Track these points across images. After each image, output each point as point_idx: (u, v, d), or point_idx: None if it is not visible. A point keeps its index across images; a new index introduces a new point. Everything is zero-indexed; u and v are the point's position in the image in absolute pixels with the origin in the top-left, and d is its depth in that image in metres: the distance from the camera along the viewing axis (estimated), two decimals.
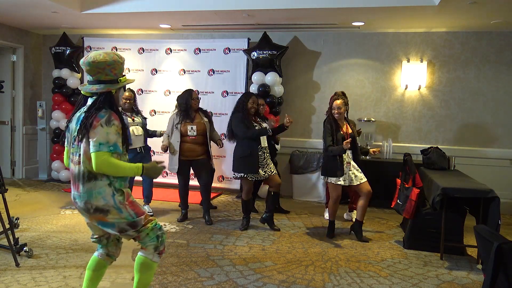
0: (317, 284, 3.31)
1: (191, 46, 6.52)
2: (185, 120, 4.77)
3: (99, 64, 2.33)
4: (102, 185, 2.33)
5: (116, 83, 2.40)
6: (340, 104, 4.30)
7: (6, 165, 7.04)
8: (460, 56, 5.93)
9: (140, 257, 2.49)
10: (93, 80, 2.38)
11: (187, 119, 4.77)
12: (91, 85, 2.38)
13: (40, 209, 5.23)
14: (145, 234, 2.45)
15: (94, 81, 2.38)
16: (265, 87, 5.97)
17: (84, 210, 2.37)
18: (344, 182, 4.27)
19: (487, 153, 5.87)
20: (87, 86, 2.40)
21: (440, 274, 3.58)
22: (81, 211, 2.41)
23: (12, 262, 3.45)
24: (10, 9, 5.67)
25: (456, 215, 4.01)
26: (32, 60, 7.30)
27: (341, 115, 4.35)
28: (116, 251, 2.64)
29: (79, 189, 2.35)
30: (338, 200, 4.38)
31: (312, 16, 5.47)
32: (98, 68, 2.34)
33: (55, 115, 6.85)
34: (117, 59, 2.37)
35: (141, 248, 2.51)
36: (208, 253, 3.89)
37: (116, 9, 5.52)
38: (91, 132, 2.27)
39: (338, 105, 4.29)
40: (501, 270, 2.13)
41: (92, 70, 2.34)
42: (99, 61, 2.32)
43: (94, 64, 2.33)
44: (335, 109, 4.30)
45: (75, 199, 2.40)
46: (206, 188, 4.89)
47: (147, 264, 2.48)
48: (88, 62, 2.33)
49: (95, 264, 2.57)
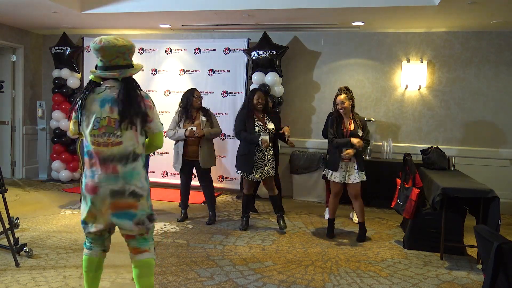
0: (317, 284, 3.31)
1: (191, 46, 6.52)
2: (186, 121, 4.75)
3: (120, 48, 2.33)
4: (140, 167, 2.40)
5: (132, 68, 2.42)
6: (344, 99, 4.26)
7: (6, 165, 7.04)
8: (460, 56, 5.93)
9: (146, 260, 2.45)
10: (110, 65, 2.36)
11: (187, 118, 4.75)
12: (111, 71, 2.36)
13: (40, 209, 5.23)
14: (151, 232, 2.48)
15: (112, 66, 2.36)
16: (265, 87, 5.97)
17: (115, 194, 2.30)
18: (341, 180, 4.29)
19: (487, 153, 5.87)
20: (105, 71, 2.36)
21: (440, 274, 3.58)
22: (106, 197, 2.31)
23: (12, 262, 3.44)
24: (10, 9, 5.67)
25: (456, 215, 4.01)
26: (32, 60, 7.30)
27: (346, 110, 4.28)
28: (109, 244, 2.59)
29: (117, 169, 2.31)
30: (336, 196, 4.39)
31: (312, 16, 5.47)
32: (119, 53, 2.33)
33: (55, 115, 6.85)
34: (133, 44, 2.43)
35: (138, 252, 2.45)
36: (208, 253, 3.89)
37: (116, 9, 5.52)
38: (149, 113, 2.37)
39: (342, 100, 4.26)
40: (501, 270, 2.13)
41: (112, 54, 2.33)
42: (120, 46, 2.33)
43: (115, 48, 2.32)
44: (339, 104, 4.28)
45: (103, 181, 2.31)
46: (206, 188, 4.90)
47: (153, 265, 2.50)
48: (106, 46, 2.31)
49: (95, 264, 2.51)
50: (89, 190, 2.35)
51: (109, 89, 2.37)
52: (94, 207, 2.36)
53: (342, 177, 4.30)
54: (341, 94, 4.29)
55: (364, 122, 4.40)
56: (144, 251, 2.46)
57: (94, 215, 2.39)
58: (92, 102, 2.36)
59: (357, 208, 4.36)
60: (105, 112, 2.33)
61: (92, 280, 2.53)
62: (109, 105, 2.33)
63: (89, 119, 2.35)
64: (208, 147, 4.82)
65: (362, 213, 4.39)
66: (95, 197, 2.34)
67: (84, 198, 2.41)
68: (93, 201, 2.35)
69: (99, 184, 2.32)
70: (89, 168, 2.37)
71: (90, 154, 2.36)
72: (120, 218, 2.36)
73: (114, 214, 2.35)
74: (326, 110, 6.35)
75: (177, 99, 6.54)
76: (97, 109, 2.34)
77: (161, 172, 6.64)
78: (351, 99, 4.32)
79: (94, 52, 2.38)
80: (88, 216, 2.40)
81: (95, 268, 2.53)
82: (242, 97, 6.22)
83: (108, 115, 2.33)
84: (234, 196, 6.28)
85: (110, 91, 2.37)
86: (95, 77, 2.42)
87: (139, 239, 2.45)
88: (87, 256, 2.51)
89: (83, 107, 2.37)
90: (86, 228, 2.45)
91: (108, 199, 2.32)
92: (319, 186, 6.07)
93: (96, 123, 2.33)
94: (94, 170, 2.35)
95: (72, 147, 6.94)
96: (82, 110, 2.36)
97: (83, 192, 2.40)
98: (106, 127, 2.32)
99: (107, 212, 2.35)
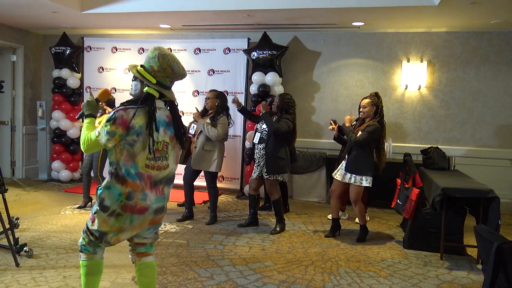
0: (317, 284, 3.31)
1: (191, 46, 6.52)
2: (195, 119, 4.84)
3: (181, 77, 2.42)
4: None
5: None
6: (366, 104, 4.21)
7: (6, 165, 7.04)
8: (460, 56, 5.93)
9: (152, 263, 2.51)
10: (170, 86, 2.39)
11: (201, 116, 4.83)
12: (170, 92, 2.40)
13: (40, 209, 5.23)
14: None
15: (169, 87, 2.39)
16: (265, 87, 5.97)
17: (157, 211, 2.36)
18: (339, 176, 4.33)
19: (487, 153, 5.87)
20: (170, 91, 2.39)
21: (440, 274, 3.58)
22: (152, 214, 2.32)
23: (12, 262, 3.44)
24: (10, 9, 5.67)
25: (456, 215, 4.01)
26: (32, 60, 7.30)
27: (366, 115, 4.22)
28: None
29: (164, 191, 2.38)
30: (333, 194, 4.41)
31: (312, 16, 5.47)
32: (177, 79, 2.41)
33: (55, 115, 6.85)
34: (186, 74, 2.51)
35: (143, 255, 2.48)
36: (208, 253, 3.89)
37: (116, 9, 5.52)
38: None
39: (363, 104, 4.25)
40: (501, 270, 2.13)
41: (175, 80, 2.38)
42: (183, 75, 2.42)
43: (180, 77, 2.38)
44: (361, 107, 4.27)
45: (153, 203, 2.29)
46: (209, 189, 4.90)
47: (156, 268, 2.55)
48: (182, 74, 2.36)
49: (101, 267, 2.45)
50: (135, 211, 2.25)
51: (158, 110, 2.30)
52: (130, 223, 2.28)
53: (339, 175, 4.34)
54: (367, 98, 4.26)
55: (373, 127, 4.11)
56: (150, 254, 2.52)
57: (123, 229, 2.30)
58: (159, 125, 2.28)
59: (356, 211, 4.35)
60: (161, 135, 2.28)
61: (94, 282, 2.45)
62: (163, 128, 2.30)
63: (146, 141, 2.22)
64: (203, 149, 4.69)
65: (362, 216, 4.38)
66: (140, 217, 2.28)
67: (116, 214, 2.25)
68: (133, 219, 2.27)
69: (150, 207, 2.28)
70: (139, 191, 2.24)
71: (139, 177, 2.24)
72: (153, 229, 2.45)
73: (149, 228, 2.40)
74: (326, 110, 6.38)
75: (177, 99, 6.55)
76: (160, 132, 2.29)
77: None
78: (375, 105, 4.19)
79: (167, 70, 2.28)
80: (114, 229, 2.29)
81: (99, 270, 2.45)
82: (242, 97, 6.22)
83: (163, 139, 2.30)
84: (234, 196, 6.28)
85: (161, 113, 2.32)
86: (155, 92, 2.29)
87: (147, 245, 2.51)
88: (92, 260, 2.39)
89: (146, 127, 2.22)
90: (105, 238, 2.31)
91: (151, 216, 2.33)
92: (319, 186, 6.08)
93: (151, 146, 2.23)
94: (146, 193, 2.26)
95: (72, 147, 6.94)
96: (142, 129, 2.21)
97: (120, 211, 2.24)
98: (161, 151, 2.29)
99: (142, 227, 2.33)
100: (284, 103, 4.57)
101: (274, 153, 4.46)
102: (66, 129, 6.85)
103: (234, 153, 6.33)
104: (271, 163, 4.47)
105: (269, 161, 4.48)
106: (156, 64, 2.26)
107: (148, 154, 2.23)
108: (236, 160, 6.34)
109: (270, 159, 4.47)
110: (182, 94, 6.55)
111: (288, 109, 4.58)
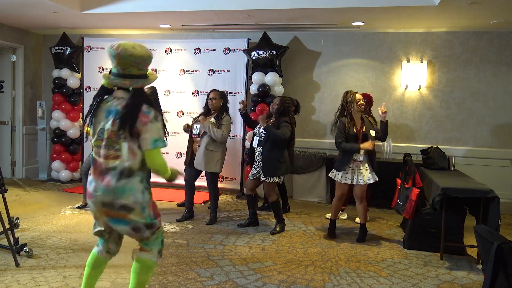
0: (317, 284, 3.31)
1: (191, 46, 6.52)
2: (198, 119, 4.84)
3: (136, 58, 2.26)
4: (135, 182, 2.31)
5: (146, 78, 2.35)
6: (361, 97, 4.27)
7: (6, 165, 7.04)
8: (460, 56, 5.93)
9: (143, 259, 2.47)
10: (124, 73, 2.29)
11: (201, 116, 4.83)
12: (123, 79, 2.29)
13: (40, 209, 5.23)
14: (155, 237, 2.46)
15: (125, 74, 2.29)
16: (265, 87, 5.97)
17: (105, 204, 2.30)
18: (352, 181, 4.24)
19: (487, 153, 5.87)
20: (117, 79, 2.30)
21: (440, 274, 3.59)
22: (98, 205, 2.32)
23: (12, 262, 3.44)
24: (10, 9, 5.67)
25: (456, 215, 4.01)
26: (32, 60, 7.30)
27: (364, 108, 4.28)
28: (116, 248, 2.59)
29: (110, 183, 2.28)
30: (341, 198, 4.38)
31: (312, 16, 5.47)
32: (134, 62, 2.26)
33: (55, 115, 6.84)
34: (150, 54, 2.34)
35: (141, 250, 2.49)
36: (208, 253, 3.89)
37: (116, 9, 5.52)
38: (142, 128, 2.25)
39: (362, 98, 4.26)
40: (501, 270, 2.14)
41: (127, 63, 2.26)
42: (136, 56, 2.26)
43: (132, 57, 2.25)
44: (360, 100, 4.23)
45: (97, 191, 2.31)
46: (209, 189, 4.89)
47: (150, 266, 2.49)
48: (124, 55, 2.24)
49: (94, 260, 2.54)
50: (88, 195, 2.40)
51: (117, 100, 2.33)
52: (92, 210, 2.43)
53: (351, 178, 4.25)
54: (357, 93, 4.31)
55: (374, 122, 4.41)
56: (146, 250, 2.49)
57: (95, 216, 2.46)
58: (100, 111, 2.35)
59: (361, 209, 4.34)
60: (108, 123, 2.29)
61: (89, 275, 2.54)
62: (113, 117, 2.29)
63: (96, 129, 2.35)
64: (206, 149, 4.68)
65: (365, 215, 4.38)
66: (92, 202, 2.38)
67: None
68: (91, 205, 2.41)
69: (94, 193, 2.33)
70: (91, 174, 2.40)
71: (93, 162, 2.38)
72: (116, 223, 2.38)
73: (109, 220, 2.38)
74: (326, 110, 6.37)
75: (177, 99, 6.59)
76: (102, 119, 2.33)
77: None
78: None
79: (110, 58, 2.31)
80: (93, 217, 2.48)
81: (94, 264, 2.54)
82: (242, 97, 6.22)
83: (109, 127, 2.28)
84: (234, 196, 6.27)
85: (117, 103, 2.32)
86: (107, 83, 2.36)
87: (145, 241, 2.48)
88: (93, 251, 2.57)
89: (94, 115, 2.36)
90: (94, 227, 2.51)
91: (101, 207, 2.35)
92: (319, 186, 6.08)
93: (100, 133, 2.32)
94: (92, 179, 2.37)
95: (72, 147, 6.94)
96: (92, 118, 2.36)
97: None
98: (107, 140, 2.30)
99: (102, 216, 2.39)
100: (285, 107, 4.59)
101: (271, 155, 4.47)
102: (66, 129, 6.84)
103: (234, 153, 6.32)
104: (267, 165, 4.48)
105: (265, 164, 4.49)
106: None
107: (95, 140, 2.35)
108: (236, 160, 6.33)
109: (267, 162, 4.48)
110: (182, 94, 6.55)
111: (287, 112, 4.61)
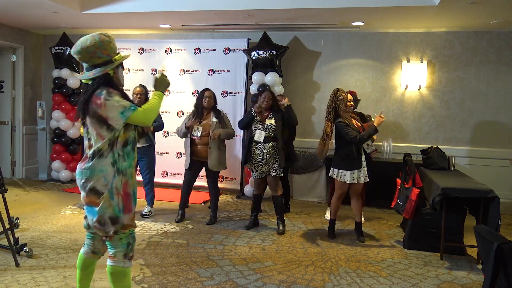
0: (317, 284, 3.31)
1: (191, 46, 6.52)
2: (195, 120, 4.71)
3: (88, 49, 2.30)
4: (106, 163, 2.31)
5: (111, 63, 2.37)
6: (351, 98, 4.33)
7: (6, 165, 7.04)
8: (460, 56, 5.93)
9: (110, 267, 2.40)
10: (89, 66, 2.36)
11: (196, 118, 4.73)
12: (88, 72, 2.36)
13: (40, 209, 5.23)
14: (119, 239, 2.37)
15: (90, 67, 2.36)
16: (265, 87, 5.97)
17: (81, 187, 2.38)
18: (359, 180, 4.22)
19: (487, 153, 5.87)
20: (85, 73, 2.37)
21: (440, 274, 3.59)
22: (80, 187, 2.40)
23: (12, 262, 3.44)
24: (10, 9, 5.67)
25: (456, 215, 4.01)
26: (32, 60, 7.30)
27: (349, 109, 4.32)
28: (102, 247, 2.53)
29: (82, 165, 2.36)
30: (341, 197, 4.38)
31: (312, 16, 5.47)
32: (89, 53, 2.31)
33: (55, 115, 6.84)
34: (105, 39, 2.33)
35: (108, 257, 2.42)
36: (208, 253, 3.89)
37: (116, 9, 5.52)
38: (102, 111, 2.27)
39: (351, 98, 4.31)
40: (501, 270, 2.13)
41: (84, 57, 2.32)
42: (88, 46, 2.29)
43: (84, 50, 2.30)
44: (350, 101, 4.26)
45: (77, 174, 2.40)
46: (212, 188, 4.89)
47: (120, 272, 2.40)
48: (77, 50, 2.31)
49: (82, 262, 2.53)
50: None
51: None
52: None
53: (357, 177, 4.22)
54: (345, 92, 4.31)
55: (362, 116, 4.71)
56: (111, 257, 2.41)
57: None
58: None
59: (357, 207, 4.35)
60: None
61: (80, 277, 2.55)
62: None
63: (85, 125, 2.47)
64: (218, 150, 4.70)
65: (361, 212, 4.40)
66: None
67: None
68: None
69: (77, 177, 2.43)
70: None
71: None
72: (88, 212, 2.38)
73: (85, 207, 2.40)
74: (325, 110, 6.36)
75: (177, 99, 6.58)
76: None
77: (161, 172, 6.64)
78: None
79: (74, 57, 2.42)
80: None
81: (82, 266, 2.53)
82: (242, 97, 6.23)
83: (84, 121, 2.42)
84: (234, 196, 6.27)
85: None
86: (84, 80, 2.43)
87: (108, 242, 2.42)
88: (80, 252, 2.57)
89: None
90: (84, 220, 2.50)
91: (80, 188, 2.40)
92: (319, 186, 6.08)
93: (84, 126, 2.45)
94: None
95: (72, 147, 6.94)
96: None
97: None
98: (85, 132, 2.41)
99: (82, 195, 2.41)
100: (276, 101, 4.63)
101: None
102: (66, 129, 6.84)
103: (234, 153, 6.33)
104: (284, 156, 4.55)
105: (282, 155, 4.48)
106: None
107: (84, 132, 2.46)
108: (236, 160, 6.33)
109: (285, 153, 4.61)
110: (182, 94, 6.55)
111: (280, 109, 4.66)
